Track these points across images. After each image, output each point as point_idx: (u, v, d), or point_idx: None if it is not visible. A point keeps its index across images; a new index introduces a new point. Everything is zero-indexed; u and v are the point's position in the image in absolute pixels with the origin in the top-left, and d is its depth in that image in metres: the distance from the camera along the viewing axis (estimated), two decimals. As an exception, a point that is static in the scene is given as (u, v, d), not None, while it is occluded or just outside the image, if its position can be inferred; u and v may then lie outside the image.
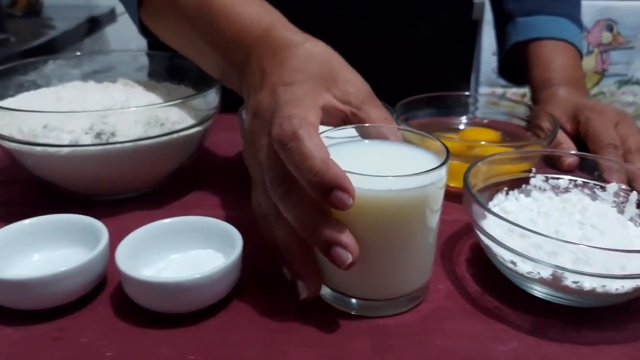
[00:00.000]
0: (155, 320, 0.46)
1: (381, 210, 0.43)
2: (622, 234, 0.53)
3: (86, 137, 0.57)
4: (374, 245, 0.45)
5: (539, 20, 0.94)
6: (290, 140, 0.43)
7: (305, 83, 0.49)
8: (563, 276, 0.46)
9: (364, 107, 0.51)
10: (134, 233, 0.50)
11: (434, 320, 0.48)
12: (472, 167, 0.56)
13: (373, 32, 0.96)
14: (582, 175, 0.61)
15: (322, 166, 0.41)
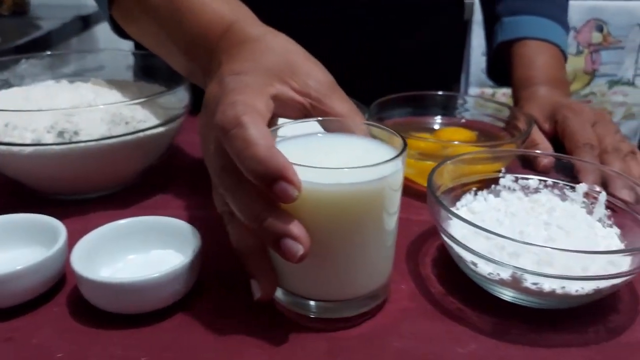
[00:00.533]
0: (110, 321, 0.46)
1: (331, 205, 0.42)
2: (587, 235, 0.52)
3: (48, 136, 0.56)
4: (327, 242, 0.43)
5: (524, 21, 0.94)
6: (233, 127, 0.41)
7: (255, 72, 0.47)
8: (523, 277, 0.46)
9: (326, 99, 0.49)
10: (91, 233, 0.50)
11: (394, 321, 0.47)
12: (438, 167, 0.55)
13: (362, 33, 0.96)
14: (555, 176, 0.60)
15: (265, 154, 0.40)
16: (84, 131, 0.57)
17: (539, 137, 0.76)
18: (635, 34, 1.82)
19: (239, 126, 0.41)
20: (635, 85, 1.90)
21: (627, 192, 0.55)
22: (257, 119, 0.42)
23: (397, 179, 0.45)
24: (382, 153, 0.46)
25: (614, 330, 0.47)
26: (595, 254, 0.47)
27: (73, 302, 0.48)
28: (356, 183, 0.41)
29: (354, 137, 0.49)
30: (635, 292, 0.52)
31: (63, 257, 0.49)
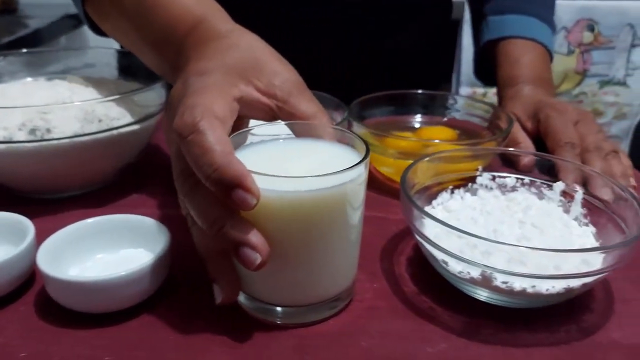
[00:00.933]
0: (77, 321, 0.45)
1: (291, 212, 0.42)
2: (562, 233, 0.52)
3: (20, 133, 0.56)
4: (288, 248, 0.43)
5: (509, 19, 0.94)
6: (190, 133, 0.41)
7: (218, 72, 0.46)
8: (492, 276, 0.45)
9: (292, 100, 0.48)
10: (59, 232, 0.49)
11: (363, 320, 0.47)
12: (412, 165, 0.55)
13: (350, 33, 0.96)
14: (536, 175, 0.60)
15: (222, 161, 0.39)
16: (57, 129, 0.57)
17: (521, 135, 0.76)
18: (626, 34, 1.82)
19: (196, 132, 0.40)
20: (627, 85, 1.89)
21: (607, 191, 0.54)
22: (215, 125, 0.41)
23: (359, 186, 0.44)
24: (347, 159, 0.45)
25: (586, 330, 0.46)
26: (566, 252, 0.46)
27: (40, 301, 0.48)
28: (315, 190, 0.41)
29: (319, 142, 0.48)
30: (610, 292, 0.51)
31: (31, 255, 0.48)
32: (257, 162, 0.42)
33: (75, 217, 0.54)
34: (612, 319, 0.48)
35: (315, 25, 0.93)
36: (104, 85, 0.70)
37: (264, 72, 0.48)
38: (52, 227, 0.52)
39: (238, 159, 0.40)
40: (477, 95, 1.85)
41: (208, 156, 0.40)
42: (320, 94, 0.74)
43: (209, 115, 0.42)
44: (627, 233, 0.49)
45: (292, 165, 0.46)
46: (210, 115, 0.42)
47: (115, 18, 0.61)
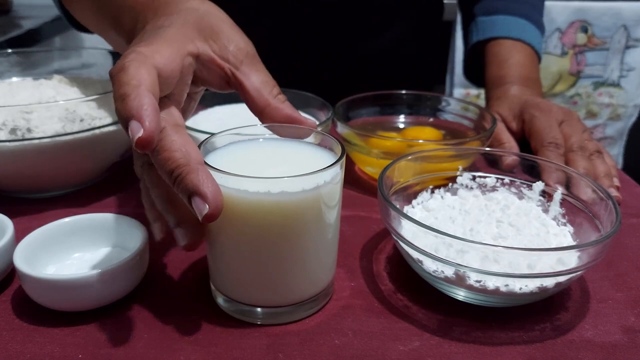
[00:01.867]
0: (52, 319, 0.45)
1: (264, 213, 0.42)
2: (539, 232, 0.52)
3: (1, 132, 0.56)
4: (263, 249, 0.43)
5: (498, 20, 0.94)
6: (116, 73, 0.39)
7: (175, 26, 0.45)
8: (466, 275, 0.46)
9: (243, 67, 0.47)
10: (37, 230, 0.49)
11: (338, 318, 0.47)
12: (391, 164, 0.55)
13: (344, 33, 0.96)
14: (520, 175, 0.60)
15: (128, 92, 0.38)
16: (38, 128, 0.57)
17: (506, 136, 0.76)
18: (620, 35, 1.82)
19: (121, 70, 0.39)
20: (621, 87, 1.89)
21: (587, 191, 0.54)
22: (143, 65, 0.39)
23: (334, 187, 0.44)
24: (324, 160, 0.46)
25: (560, 328, 0.47)
26: (539, 251, 0.46)
27: (17, 300, 0.48)
28: (290, 192, 0.41)
29: (298, 144, 0.49)
30: (586, 290, 0.51)
31: (8, 254, 0.48)
32: (234, 162, 0.42)
33: (57, 217, 0.54)
34: (587, 317, 0.48)
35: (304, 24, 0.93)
36: (90, 86, 0.71)
37: (220, 35, 0.47)
38: (33, 226, 0.52)
39: (147, 92, 0.39)
40: (471, 97, 1.85)
41: (120, 89, 0.38)
42: (304, 94, 0.74)
43: (143, 58, 0.40)
44: (602, 232, 0.49)
45: (269, 166, 0.47)
46: (143, 59, 0.40)
47: (81, 2, 0.61)
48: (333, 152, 0.47)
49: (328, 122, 0.67)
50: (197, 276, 0.51)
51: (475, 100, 1.86)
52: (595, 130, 1.94)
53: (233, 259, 0.45)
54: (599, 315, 0.48)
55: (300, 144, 0.49)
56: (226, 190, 0.41)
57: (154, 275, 0.51)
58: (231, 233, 0.44)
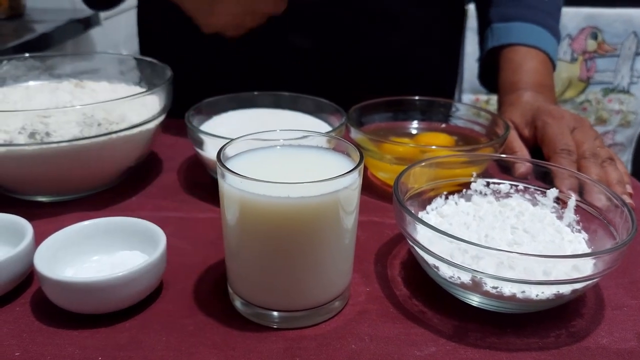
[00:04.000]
0: (72, 321, 0.46)
1: (283, 218, 0.42)
2: (553, 239, 0.52)
3: (20, 136, 0.57)
4: (282, 253, 0.44)
5: (514, 27, 0.94)
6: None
7: None
8: (483, 281, 0.46)
9: None
10: (57, 233, 0.50)
11: (354, 323, 0.47)
12: (406, 170, 0.55)
13: (357, 37, 0.96)
14: (533, 182, 0.60)
15: None
16: (56, 132, 0.58)
17: (517, 144, 0.76)
18: (630, 42, 1.82)
19: None
20: (631, 93, 1.89)
21: (600, 198, 0.54)
22: None
23: (353, 193, 0.45)
24: (342, 166, 0.46)
25: (575, 335, 0.47)
26: (555, 258, 0.47)
27: (37, 301, 0.49)
28: (309, 197, 0.42)
29: (316, 150, 0.49)
30: (600, 297, 0.52)
31: (28, 256, 0.49)
32: (254, 167, 0.43)
33: (74, 220, 0.55)
34: (602, 324, 0.48)
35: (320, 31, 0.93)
36: (105, 90, 0.71)
37: None
38: (51, 229, 0.53)
39: None
40: (481, 102, 1.86)
41: None
42: (318, 99, 0.75)
43: None
44: (617, 239, 0.49)
45: (288, 171, 0.47)
46: None
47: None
48: (350, 157, 0.48)
49: (342, 128, 0.68)
50: (215, 279, 0.52)
51: (484, 106, 1.87)
52: (604, 137, 1.94)
53: (251, 263, 0.45)
54: (614, 322, 0.48)
55: (318, 149, 0.49)
56: (246, 195, 0.42)
57: (172, 278, 0.51)
58: (250, 237, 0.44)
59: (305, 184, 0.41)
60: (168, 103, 0.69)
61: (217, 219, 0.61)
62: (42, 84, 0.75)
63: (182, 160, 0.77)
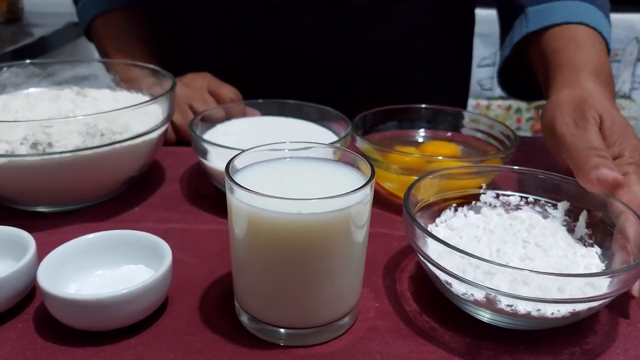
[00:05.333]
0: (75, 338, 0.45)
1: (293, 234, 0.41)
2: (566, 253, 0.52)
3: (22, 147, 0.56)
4: (291, 270, 0.43)
5: (559, 5, 0.75)
6: None
7: None
8: (497, 299, 0.45)
9: None
10: (61, 247, 0.49)
11: (365, 341, 0.46)
12: (415, 183, 0.54)
13: (364, 45, 0.94)
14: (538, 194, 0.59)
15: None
16: (59, 143, 0.57)
17: (598, 142, 0.57)
18: (632, 48, 1.81)
19: None
20: (632, 99, 1.89)
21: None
22: None
23: (364, 208, 0.44)
24: (352, 180, 0.45)
25: (590, 353, 0.46)
26: (567, 277, 0.45)
27: (39, 318, 0.48)
28: (317, 213, 0.41)
29: (325, 163, 0.48)
30: (615, 314, 0.51)
31: (31, 271, 0.48)
32: (263, 181, 0.42)
33: (77, 231, 0.54)
34: (616, 342, 0.47)
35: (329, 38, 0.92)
36: (107, 97, 0.70)
37: None
38: (53, 241, 0.52)
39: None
40: (481, 108, 1.85)
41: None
42: (323, 107, 0.74)
43: None
44: (632, 254, 0.49)
45: (297, 186, 0.46)
46: None
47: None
48: (360, 170, 0.47)
49: (347, 137, 0.67)
50: (221, 293, 0.51)
51: (485, 111, 1.86)
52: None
53: (259, 278, 0.44)
54: (629, 339, 0.47)
55: (327, 162, 0.48)
56: (255, 210, 0.41)
57: (177, 293, 0.50)
58: (259, 252, 0.43)
59: (317, 200, 0.40)
60: (171, 111, 0.68)
61: (221, 230, 0.60)
62: (43, 91, 0.74)
63: (185, 169, 0.76)
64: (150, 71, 0.74)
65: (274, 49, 0.92)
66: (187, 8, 0.94)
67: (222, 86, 0.85)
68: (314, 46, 0.92)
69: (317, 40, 0.92)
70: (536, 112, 1.92)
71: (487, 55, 1.84)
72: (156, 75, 0.73)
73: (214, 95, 0.84)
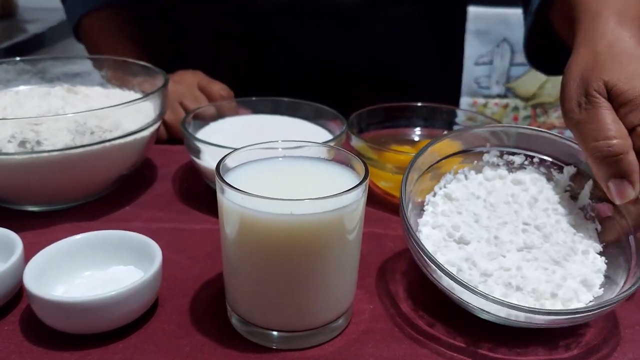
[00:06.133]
0: (62, 342, 0.44)
1: (285, 235, 0.40)
2: (566, 239, 0.50)
3: (10, 145, 0.55)
4: (283, 271, 0.42)
5: None
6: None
7: None
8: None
9: None
10: (48, 248, 0.48)
11: (358, 344, 0.45)
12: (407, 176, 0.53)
13: (358, 44, 0.93)
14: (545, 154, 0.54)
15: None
16: (47, 141, 0.55)
17: (615, 128, 0.49)
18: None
19: None
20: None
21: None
22: None
23: (357, 208, 0.43)
24: (346, 180, 0.44)
25: (588, 353, 0.45)
26: (555, 315, 0.43)
27: (26, 320, 0.46)
28: (309, 214, 0.40)
29: (318, 162, 0.48)
30: (612, 315, 0.50)
31: (18, 272, 0.47)
32: (254, 181, 0.41)
33: (65, 231, 0.53)
34: (615, 344, 0.46)
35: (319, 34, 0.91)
36: (98, 95, 0.69)
37: None
38: (41, 241, 0.51)
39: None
40: (478, 106, 1.84)
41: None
42: (317, 105, 0.73)
43: None
44: (630, 235, 0.48)
45: (290, 186, 0.45)
46: None
47: None
48: (354, 170, 0.46)
49: (342, 136, 0.66)
50: (212, 295, 0.50)
51: (482, 109, 1.85)
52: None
53: (251, 280, 0.44)
54: (627, 341, 0.47)
55: (320, 161, 0.47)
56: (247, 211, 0.40)
57: (167, 294, 0.50)
58: (250, 253, 0.42)
59: (309, 201, 0.39)
60: (163, 109, 0.67)
61: (213, 230, 0.59)
62: (33, 88, 0.73)
63: (177, 167, 0.75)
64: (142, 68, 0.73)
65: (272, 51, 0.91)
66: (184, 9, 0.93)
67: (213, 83, 0.84)
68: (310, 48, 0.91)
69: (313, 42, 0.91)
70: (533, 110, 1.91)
71: (484, 53, 1.83)
72: (148, 72, 0.72)
73: (204, 92, 0.83)
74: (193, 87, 0.84)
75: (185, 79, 0.85)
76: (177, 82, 0.84)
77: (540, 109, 1.90)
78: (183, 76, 0.86)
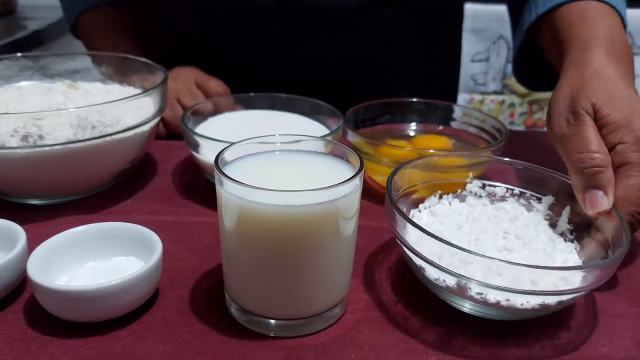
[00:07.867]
0: (65, 330, 0.45)
1: (282, 226, 0.42)
2: (545, 247, 0.52)
3: (12, 139, 0.56)
4: (281, 262, 0.43)
5: None
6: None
7: None
8: (467, 286, 0.45)
9: None
10: (51, 239, 0.49)
11: (354, 331, 0.47)
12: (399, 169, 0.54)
13: (354, 40, 0.94)
14: (524, 186, 0.59)
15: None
16: (50, 135, 0.57)
17: (597, 144, 0.53)
18: None
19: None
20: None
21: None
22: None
23: (353, 200, 0.44)
24: (341, 172, 0.46)
25: (561, 347, 0.46)
26: (543, 269, 0.45)
27: (30, 309, 0.48)
28: (306, 205, 0.41)
29: (315, 155, 0.49)
30: (600, 305, 0.51)
31: (21, 263, 0.48)
32: (252, 173, 0.42)
33: (68, 224, 0.54)
34: (602, 333, 0.48)
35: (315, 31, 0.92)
36: (99, 91, 0.70)
37: None
38: (44, 234, 0.52)
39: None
40: (475, 103, 1.85)
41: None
42: (314, 101, 0.74)
43: None
44: (608, 250, 0.49)
45: (287, 178, 0.47)
46: None
47: None
48: (349, 163, 0.47)
49: (339, 131, 0.67)
50: (211, 285, 0.51)
51: (478, 106, 1.86)
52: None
53: (249, 270, 0.45)
54: (614, 330, 0.48)
55: (316, 155, 0.49)
56: (244, 203, 0.41)
57: (167, 284, 0.51)
58: (248, 244, 0.43)
59: (305, 192, 0.40)
60: (163, 104, 0.68)
61: (212, 222, 0.61)
62: (35, 84, 0.74)
63: (177, 162, 0.76)
64: (142, 64, 0.74)
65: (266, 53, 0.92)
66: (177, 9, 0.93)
67: (210, 79, 0.85)
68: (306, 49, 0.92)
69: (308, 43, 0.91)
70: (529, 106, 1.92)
71: (481, 51, 1.84)
72: (148, 68, 0.73)
73: (201, 88, 0.84)
74: (190, 83, 0.85)
75: (182, 75, 0.86)
76: (174, 78, 0.85)
77: (536, 106, 1.91)
78: (180, 73, 0.87)
